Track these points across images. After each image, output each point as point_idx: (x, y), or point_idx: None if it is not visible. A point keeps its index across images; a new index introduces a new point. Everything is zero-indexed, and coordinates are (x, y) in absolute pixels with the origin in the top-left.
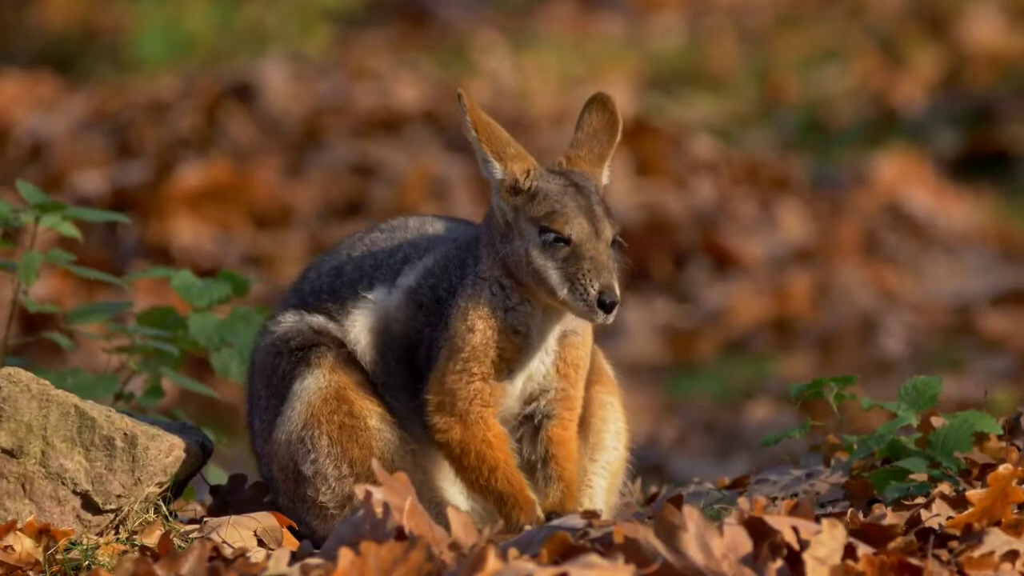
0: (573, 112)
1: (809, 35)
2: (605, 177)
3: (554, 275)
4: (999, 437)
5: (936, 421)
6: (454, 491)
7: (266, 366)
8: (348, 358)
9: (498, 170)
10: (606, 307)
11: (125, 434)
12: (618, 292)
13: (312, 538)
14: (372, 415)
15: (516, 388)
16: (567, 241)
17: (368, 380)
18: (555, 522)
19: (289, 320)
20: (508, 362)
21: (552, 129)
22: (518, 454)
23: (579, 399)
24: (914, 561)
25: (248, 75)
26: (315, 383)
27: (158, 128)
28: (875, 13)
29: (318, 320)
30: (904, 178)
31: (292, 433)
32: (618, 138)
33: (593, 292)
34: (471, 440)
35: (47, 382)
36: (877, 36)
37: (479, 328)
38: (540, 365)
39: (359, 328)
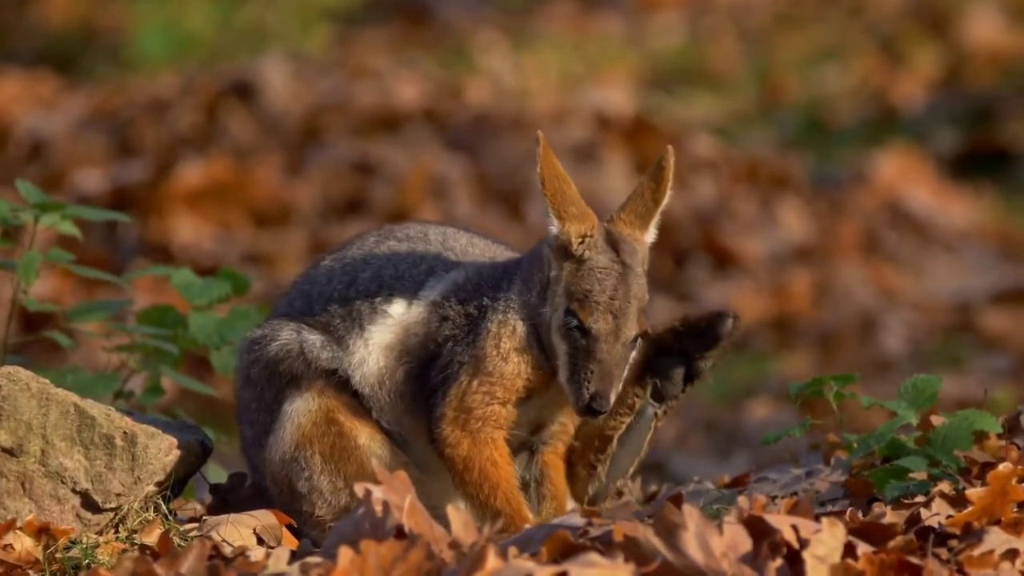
0: (573, 111)
1: (809, 34)
2: (651, 236)
3: (562, 357)
4: (999, 436)
5: (936, 420)
6: (450, 499)
7: (258, 381)
8: (337, 382)
9: (555, 227)
10: (591, 411)
11: (125, 433)
12: (611, 400)
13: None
14: (361, 434)
15: (529, 416)
16: (586, 333)
17: (357, 402)
18: (555, 521)
19: (284, 338)
20: (531, 392)
21: (552, 128)
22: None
23: (573, 430)
24: (914, 560)
25: (248, 74)
26: (304, 405)
27: (158, 127)
28: (875, 12)
29: (314, 340)
30: (904, 177)
31: (285, 454)
32: (666, 197)
33: (586, 394)
34: (477, 457)
35: (47, 381)
36: (877, 35)
37: (513, 359)
38: (559, 395)
39: (372, 346)
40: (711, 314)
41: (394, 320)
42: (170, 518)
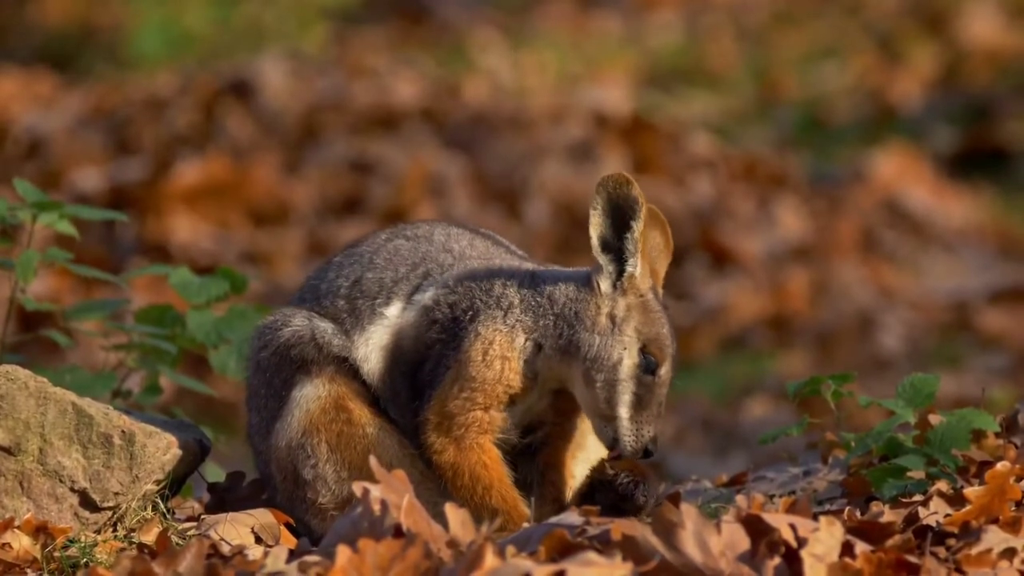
0: (571, 110)
1: (807, 32)
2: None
3: (627, 397)
4: (997, 434)
5: (934, 419)
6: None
7: (268, 367)
8: (348, 369)
9: (639, 267)
10: (647, 453)
11: (123, 431)
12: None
13: (310, 537)
14: (370, 423)
15: (516, 419)
16: (656, 376)
17: (368, 390)
18: (553, 520)
19: (296, 324)
20: (513, 397)
21: (550, 127)
22: (513, 471)
23: (574, 428)
24: (912, 559)
25: (246, 72)
26: (314, 391)
27: (156, 125)
28: (873, 10)
29: (325, 328)
30: (902, 175)
31: (292, 440)
32: (670, 258)
33: (647, 436)
34: (464, 463)
35: (45, 379)
36: (875, 33)
37: (496, 366)
38: (540, 401)
39: (372, 346)
40: (628, 482)
41: (390, 322)
42: (168, 517)
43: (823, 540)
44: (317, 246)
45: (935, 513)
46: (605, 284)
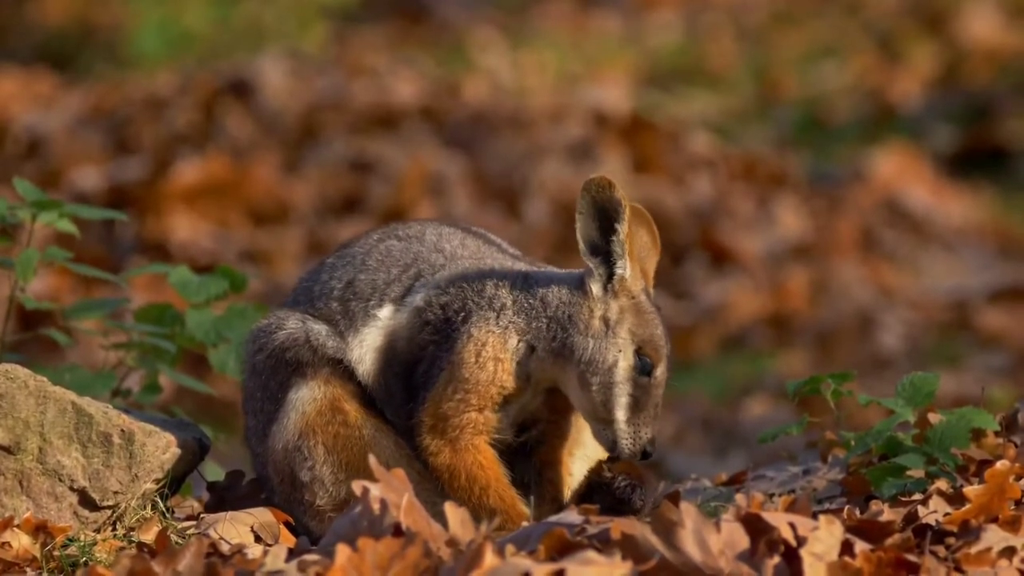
0: (571, 109)
1: (807, 32)
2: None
3: (623, 399)
4: (996, 433)
5: (933, 417)
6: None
7: (264, 370)
8: (344, 371)
9: (628, 269)
10: (645, 455)
11: (122, 430)
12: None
13: (309, 538)
14: (367, 424)
15: (510, 418)
16: (652, 377)
17: (363, 392)
18: (552, 519)
19: (290, 326)
20: (507, 398)
21: (550, 126)
22: (510, 471)
23: (570, 425)
24: (911, 557)
25: (246, 72)
26: (310, 394)
27: (156, 125)
28: (873, 10)
29: (319, 330)
30: (902, 175)
31: (288, 442)
32: (659, 257)
33: (644, 437)
34: (460, 464)
35: (44, 378)
36: (875, 33)
37: (489, 368)
38: (534, 399)
39: (366, 347)
40: (625, 485)
41: (383, 324)
42: (167, 516)
43: (823, 539)
44: (317, 245)
45: (935, 512)
46: (596, 287)
